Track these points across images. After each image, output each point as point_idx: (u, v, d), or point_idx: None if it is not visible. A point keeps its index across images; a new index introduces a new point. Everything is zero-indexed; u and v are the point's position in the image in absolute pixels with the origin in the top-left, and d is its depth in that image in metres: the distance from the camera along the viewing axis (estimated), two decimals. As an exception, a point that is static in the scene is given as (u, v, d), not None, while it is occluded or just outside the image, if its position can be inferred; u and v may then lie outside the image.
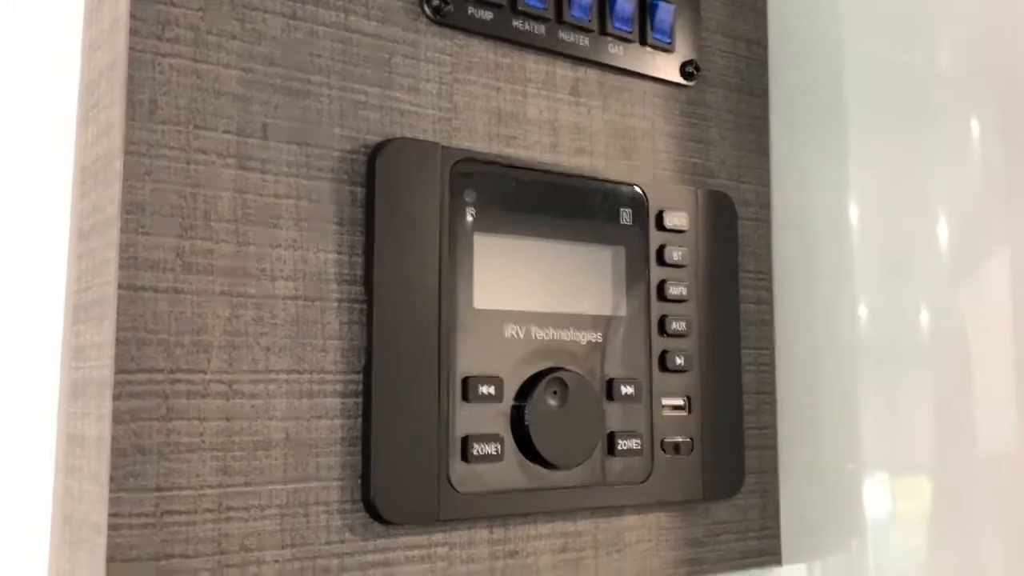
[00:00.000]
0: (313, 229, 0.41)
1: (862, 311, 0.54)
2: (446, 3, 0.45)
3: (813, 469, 0.56)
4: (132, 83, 0.38)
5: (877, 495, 0.53)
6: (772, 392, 0.56)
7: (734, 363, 0.54)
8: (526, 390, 0.45)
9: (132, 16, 0.38)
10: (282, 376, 0.39)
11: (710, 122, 0.55)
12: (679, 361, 0.51)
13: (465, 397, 0.43)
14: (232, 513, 0.38)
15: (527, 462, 0.45)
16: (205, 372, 0.38)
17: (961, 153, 0.51)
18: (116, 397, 0.36)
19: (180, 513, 0.37)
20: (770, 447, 0.56)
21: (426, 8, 0.45)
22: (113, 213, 0.37)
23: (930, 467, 0.51)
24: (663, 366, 0.50)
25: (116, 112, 0.38)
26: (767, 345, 0.57)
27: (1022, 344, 0.49)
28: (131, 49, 0.38)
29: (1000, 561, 0.50)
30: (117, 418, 0.36)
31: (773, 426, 0.56)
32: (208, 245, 0.38)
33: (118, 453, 0.36)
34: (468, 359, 0.44)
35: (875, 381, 0.54)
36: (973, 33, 0.52)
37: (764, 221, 0.57)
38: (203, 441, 0.38)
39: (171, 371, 0.37)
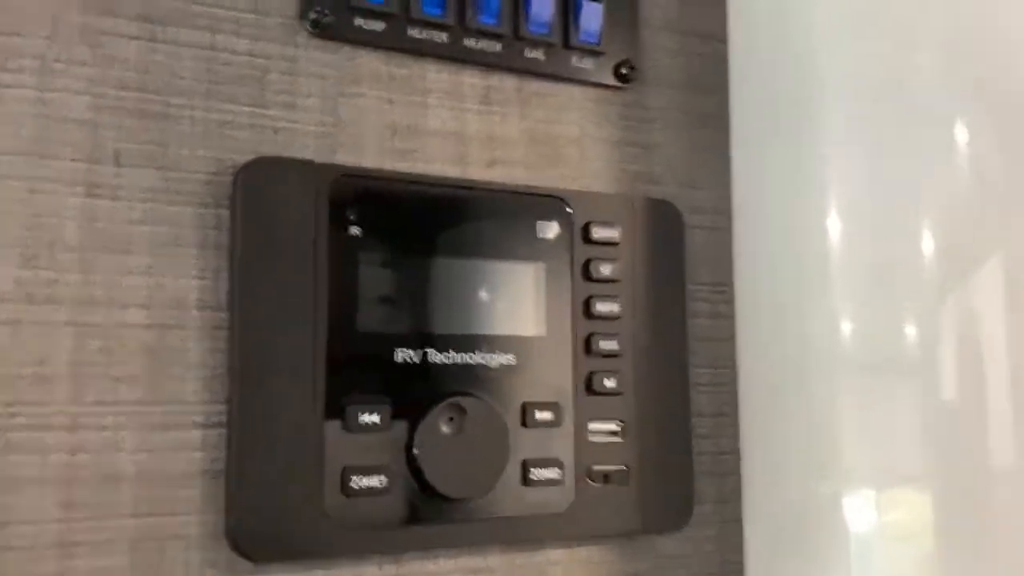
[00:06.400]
0: (172, 255, 0.40)
1: (844, 323, 0.49)
2: (325, 15, 0.43)
3: (782, 496, 0.50)
4: None
5: (858, 523, 0.48)
6: (732, 414, 0.52)
7: (680, 384, 0.50)
8: (416, 417, 0.42)
9: None
10: (132, 408, 0.38)
11: (654, 124, 0.52)
12: (609, 383, 0.47)
13: (345, 427, 0.41)
14: (77, 549, 0.37)
15: (420, 494, 0.42)
16: (47, 404, 0.37)
17: (950, 156, 0.46)
18: None
19: (19, 549, 0.36)
20: (731, 473, 0.51)
21: (305, 23, 0.43)
22: None
23: (920, 492, 0.46)
24: (590, 389, 0.47)
25: None
26: (725, 363, 0.52)
27: (1018, 352, 0.44)
28: None
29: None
30: None
31: (734, 451, 0.52)
32: (52, 275, 0.38)
33: None
34: (349, 386, 0.41)
35: (856, 399, 0.48)
36: (960, 29, 0.46)
37: (722, 229, 0.53)
38: (44, 474, 0.37)
39: (9, 404, 0.36)
